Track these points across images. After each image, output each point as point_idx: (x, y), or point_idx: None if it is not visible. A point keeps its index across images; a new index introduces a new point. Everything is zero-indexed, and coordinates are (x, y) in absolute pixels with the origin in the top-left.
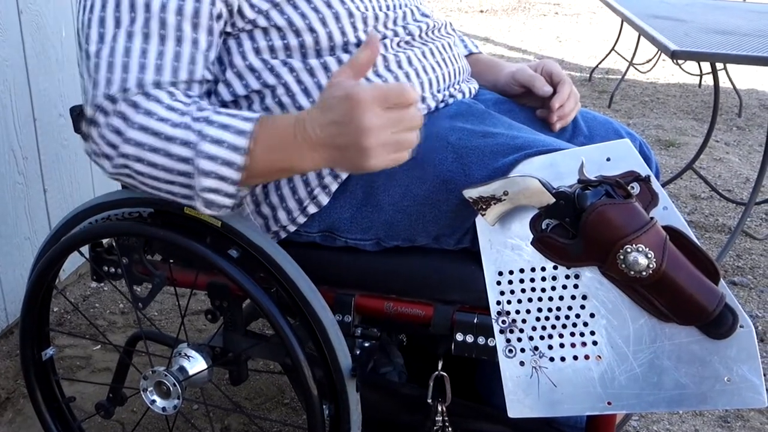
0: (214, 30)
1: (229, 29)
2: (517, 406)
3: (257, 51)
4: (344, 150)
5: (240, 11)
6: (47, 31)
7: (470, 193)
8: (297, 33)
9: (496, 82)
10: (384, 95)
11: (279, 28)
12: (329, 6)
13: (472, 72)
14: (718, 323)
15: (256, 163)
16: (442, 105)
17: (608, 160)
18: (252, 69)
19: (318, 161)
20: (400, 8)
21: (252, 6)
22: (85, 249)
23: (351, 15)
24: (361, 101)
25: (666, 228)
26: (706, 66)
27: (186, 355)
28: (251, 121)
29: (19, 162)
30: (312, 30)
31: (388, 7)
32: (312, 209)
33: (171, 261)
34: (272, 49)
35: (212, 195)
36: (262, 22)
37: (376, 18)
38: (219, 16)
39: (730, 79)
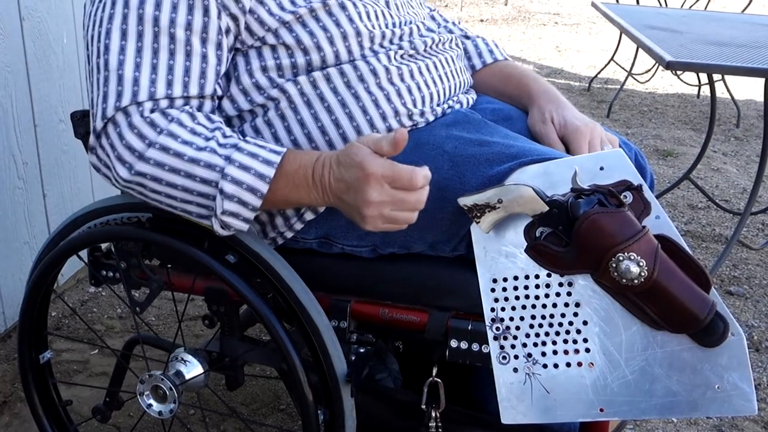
0: (223, 45)
1: (238, 45)
2: (510, 413)
3: (264, 69)
4: (347, 205)
5: (248, 28)
6: (49, 37)
7: (465, 201)
8: (305, 51)
9: (519, 106)
10: (393, 176)
11: (287, 46)
12: (338, 25)
13: (494, 82)
14: (709, 331)
15: (274, 194)
16: (440, 116)
17: (601, 169)
18: (258, 86)
19: (327, 203)
20: (406, 25)
21: (262, 23)
22: (83, 253)
23: (359, 34)
24: (370, 175)
25: (658, 237)
26: (704, 76)
27: (183, 359)
28: (279, 154)
29: (19, 167)
30: (319, 48)
31: (394, 25)
32: (309, 216)
33: (169, 266)
34: (279, 68)
35: (231, 218)
36: (270, 39)
37: (383, 35)
38: (228, 31)
39: (728, 90)
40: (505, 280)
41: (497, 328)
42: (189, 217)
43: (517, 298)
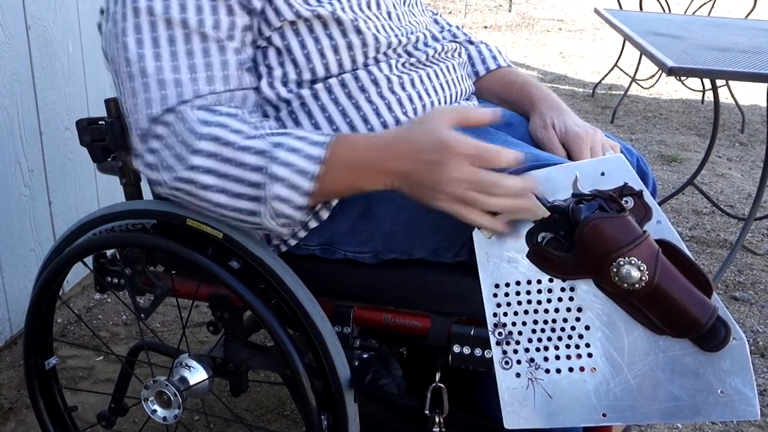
0: (247, 41)
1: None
2: (513, 418)
3: (271, 85)
4: (417, 185)
5: (260, 27)
6: (54, 46)
7: None
8: (307, 58)
9: (520, 112)
10: (478, 155)
11: (292, 58)
12: (344, 36)
13: (496, 88)
14: (711, 336)
15: (328, 177)
16: None
17: (603, 174)
18: (267, 100)
19: (388, 186)
20: (413, 34)
21: (278, 14)
22: (89, 260)
23: (365, 44)
24: (457, 152)
25: (659, 241)
26: (708, 82)
27: (187, 365)
28: (327, 136)
29: (25, 174)
30: (323, 56)
31: (396, 36)
32: (313, 224)
33: (173, 272)
34: (284, 77)
35: (282, 205)
36: (276, 40)
37: (389, 45)
38: (250, 27)
39: (732, 95)
40: (507, 285)
41: (500, 334)
42: (238, 220)
43: (519, 303)
